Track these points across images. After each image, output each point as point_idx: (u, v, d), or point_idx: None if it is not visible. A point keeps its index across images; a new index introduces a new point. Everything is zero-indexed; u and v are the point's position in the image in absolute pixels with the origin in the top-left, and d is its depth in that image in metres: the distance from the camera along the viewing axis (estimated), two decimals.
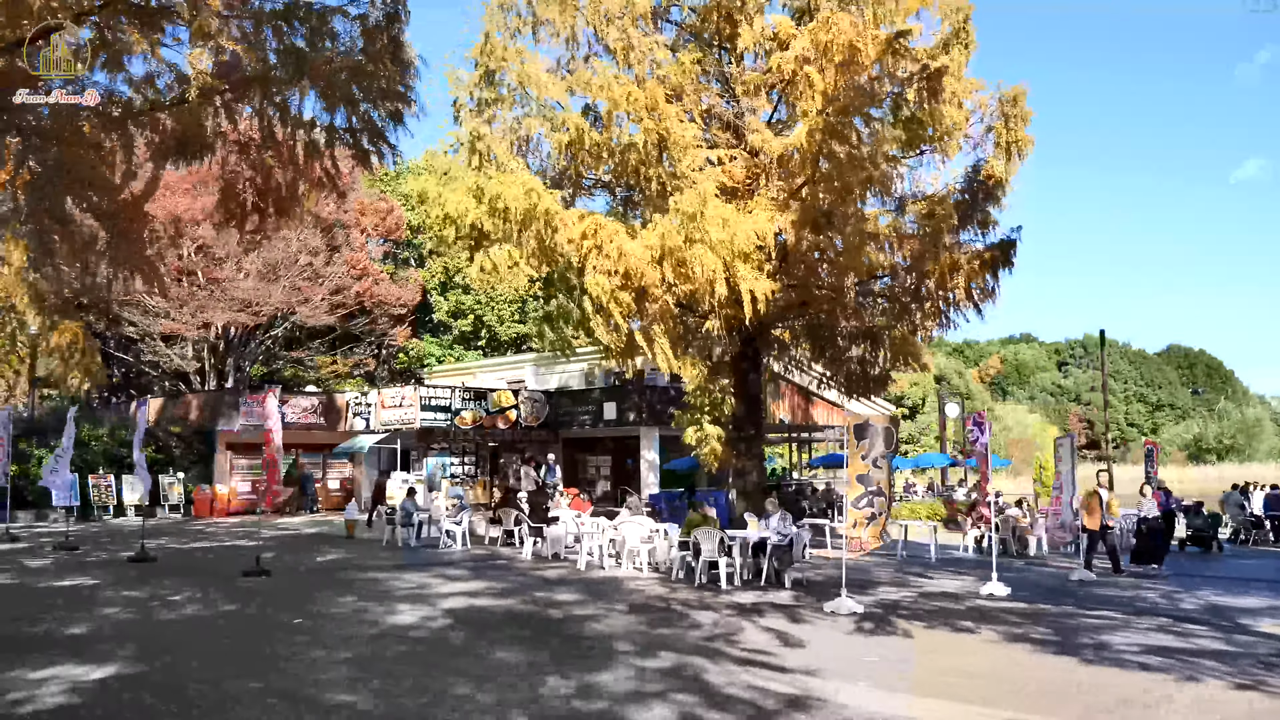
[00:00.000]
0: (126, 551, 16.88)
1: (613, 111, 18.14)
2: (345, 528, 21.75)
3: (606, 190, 22.21)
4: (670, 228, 16.63)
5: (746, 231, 16.52)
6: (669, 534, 15.02)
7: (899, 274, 19.11)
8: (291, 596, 11.85)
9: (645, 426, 27.39)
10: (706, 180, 17.02)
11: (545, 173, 20.28)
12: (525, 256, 19.60)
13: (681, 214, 16.56)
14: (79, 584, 12.59)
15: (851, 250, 17.90)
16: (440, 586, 12.68)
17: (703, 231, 16.48)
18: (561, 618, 10.42)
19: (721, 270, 16.62)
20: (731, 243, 16.55)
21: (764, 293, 16.73)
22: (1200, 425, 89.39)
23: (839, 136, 17.69)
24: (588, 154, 20.76)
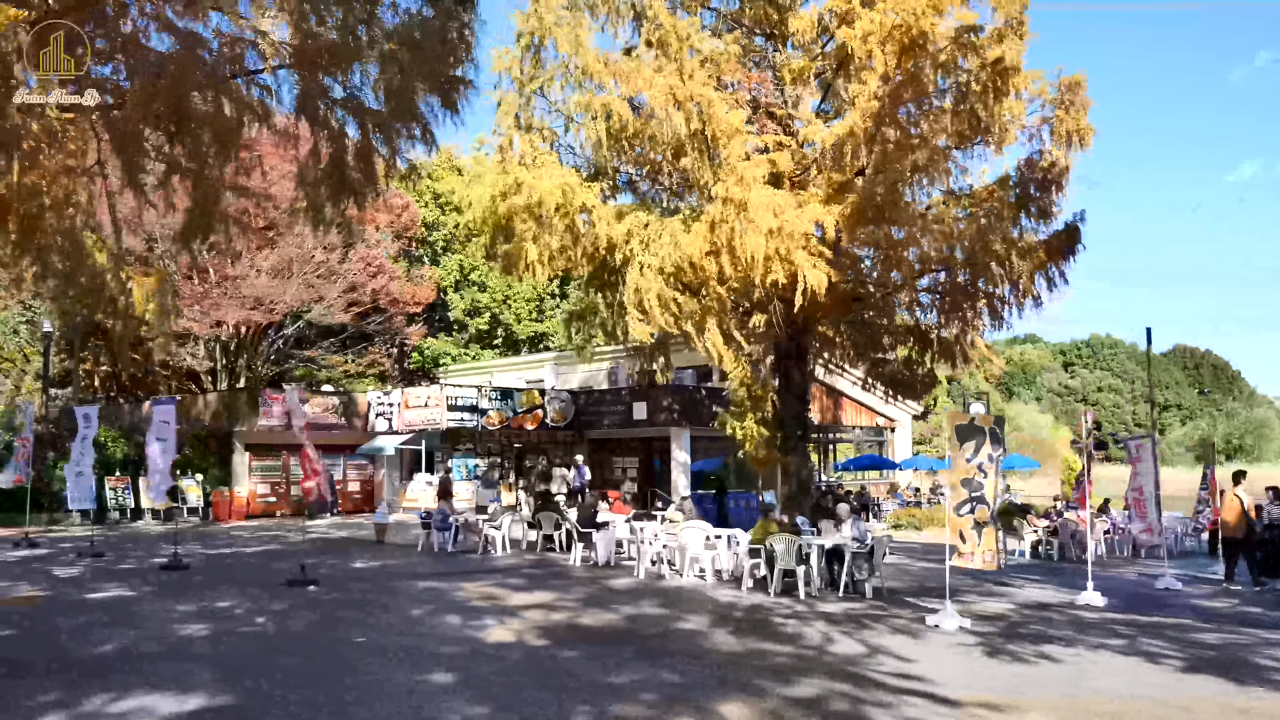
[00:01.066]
0: (155, 558, 16.10)
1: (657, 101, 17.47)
2: (375, 531, 20.97)
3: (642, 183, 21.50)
4: (718, 214, 15.91)
5: (799, 219, 15.81)
6: (736, 540, 14.29)
7: (954, 267, 18.41)
8: (351, 608, 11.07)
9: (676, 427, 26.64)
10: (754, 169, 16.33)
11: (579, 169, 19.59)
12: (561, 252, 18.94)
13: (728, 201, 15.85)
14: (120, 595, 11.79)
15: (908, 242, 17.20)
16: (508, 597, 11.91)
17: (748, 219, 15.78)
18: (660, 633, 9.67)
19: (776, 256, 15.92)
20: (781, 230, 15.87)
21: (819, 282, 16.02)
22: (1209, 425, 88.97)
23: (896, 123, 17.04)
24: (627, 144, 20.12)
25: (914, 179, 16.61)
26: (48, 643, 8.84)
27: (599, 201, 18.52)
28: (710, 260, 17.09)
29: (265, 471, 27.47)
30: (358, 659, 8.12)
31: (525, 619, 10.27)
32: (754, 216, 15.64)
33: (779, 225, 15.82)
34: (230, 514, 25.88)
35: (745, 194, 15.29)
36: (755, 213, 15.67)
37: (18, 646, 8.70)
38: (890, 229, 17.38)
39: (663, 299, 17.55)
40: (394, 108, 10.47)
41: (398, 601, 11.60)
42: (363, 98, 10.71)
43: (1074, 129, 17.97)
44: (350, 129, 10.84)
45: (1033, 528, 19.51)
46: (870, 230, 17.73)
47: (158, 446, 14.97)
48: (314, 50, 8.61)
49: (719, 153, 17.30)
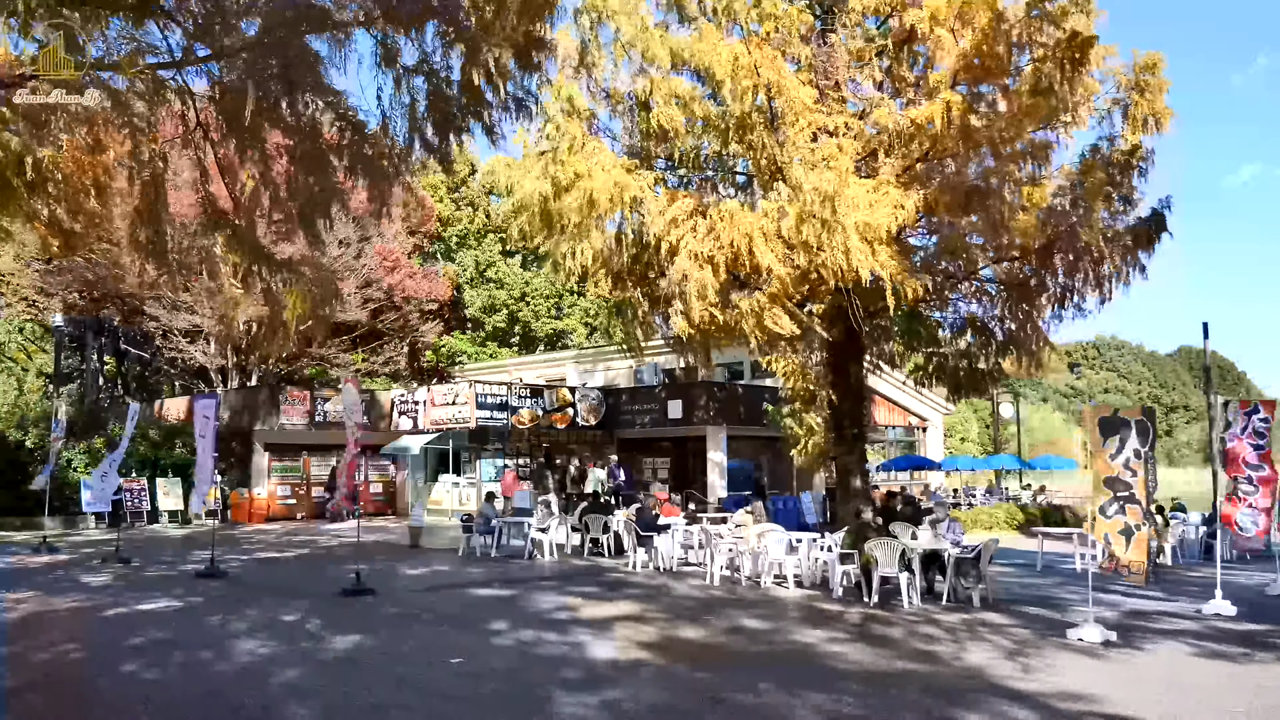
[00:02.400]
0: (187, 565, 15.08)
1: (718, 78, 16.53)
2: (410, 535, 19.95)
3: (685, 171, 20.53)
4: (802, 207, 14.93)
5: (887, 214, 14.85)
6: (830, 545, 13.33)
7: (1029, 256, 17.47)
8: (423, 623, 10.09)
9: (713, 426, 25.68)
10: (838, 155, 15.38)
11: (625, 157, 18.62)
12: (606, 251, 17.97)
13: (818, 193, 14.88)
14: (164, 608, 10.75)
15: (989, 230, 16.26)
16: (586, 608, 10.92)
17: (839, 214, 14.81)
18: (785, 650, 8.70)
19: (867, 256, 14.97)
20: (868, 226, 14.92)
21: (913, 287, 15.12)
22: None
23: (977, 104, 16.13)
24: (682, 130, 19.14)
25: (1004, 164, 15.70)
26: (102, 665, 7.82)
27: (651, 193, 17.60)
28: (775, 246, 16.19)
29: (284, 473, 26.41)
30: (473, 688, 7.13)
31: (621, 634, 9.29)
32: (844, 213, 14.67)
33: (869, 221, 14.89)
34: (250, 516, 24.81)
35: (839, 186, 14.30)
36: (846, 209, 14.70)
37: (74, 668, 7.69)
38: (972, 217, 16.47)
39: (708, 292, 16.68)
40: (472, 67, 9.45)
41: (470, 614, 10.62)
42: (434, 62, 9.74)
43: (1150, 111, 17.07)
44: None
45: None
46: (947, 219, 16.85)
47: (201, 445, 13.93)
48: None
49: (785, 132, 16.40)
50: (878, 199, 15.12)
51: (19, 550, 17.38)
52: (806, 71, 17.31)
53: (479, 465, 26.00)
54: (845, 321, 19.39)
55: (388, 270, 34.77)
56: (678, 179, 20.48)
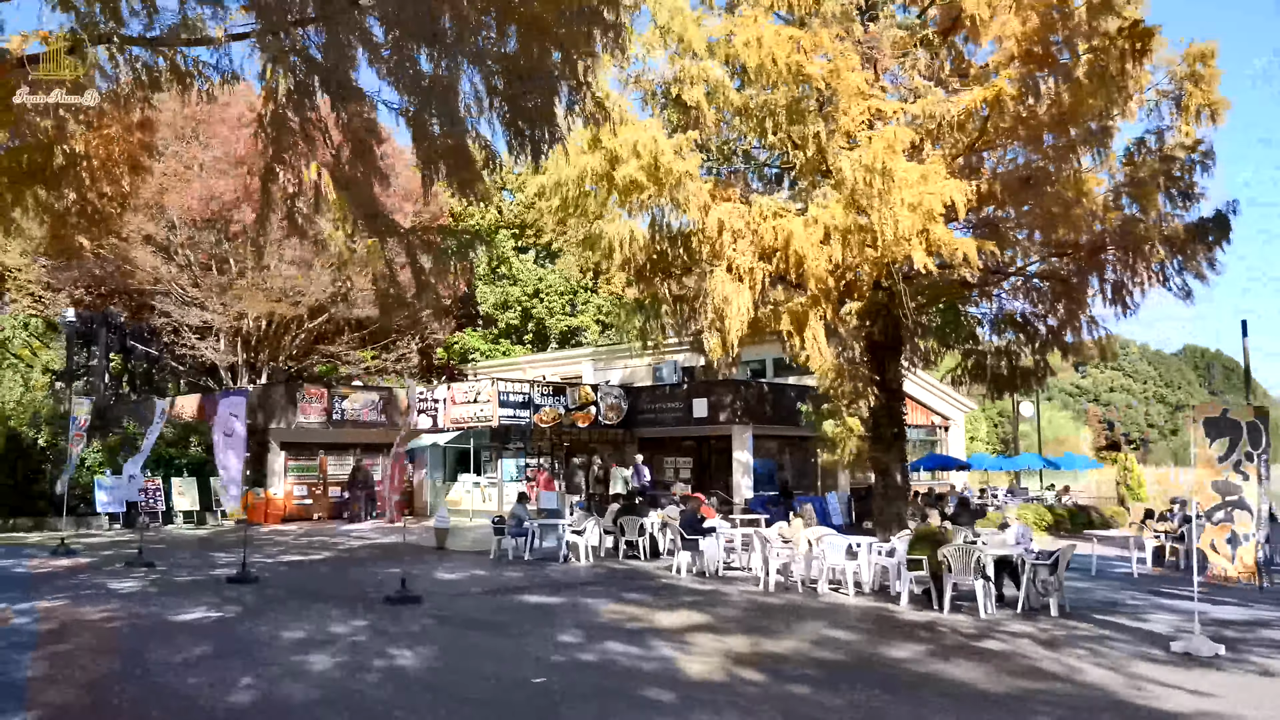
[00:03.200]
0: (215, 569, 14.50)
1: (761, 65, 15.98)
2: (435, 537, 19.36)
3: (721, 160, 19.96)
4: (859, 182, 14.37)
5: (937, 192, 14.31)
6: (877, 550, 12.79)
7: (1079, 249, 16.92)
8: (482, 633, 9.52)
9: (739, 425, 25.11)
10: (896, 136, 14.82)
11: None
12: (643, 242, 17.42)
13: (865, 168, 14.33)
14: (205, 617, 10.16)
15: (1042, 222, 15.71)
16: (651, 617, 10.35)
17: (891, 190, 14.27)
18: (881, 662, 8.14)
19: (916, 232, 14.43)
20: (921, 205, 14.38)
21: (971, 255, 14.55)
22: None
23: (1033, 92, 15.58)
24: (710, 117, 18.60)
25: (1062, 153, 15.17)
26: (160, 686, 7.23)
27: (694, 177, 17.04)
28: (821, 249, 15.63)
29: (301, 472, 25.80)
30: (576, 714, 6.56)
31: (703, 646, 8.72)
32: (898, 187, 14.12)
33: (919, 199, 14.35)
34: (266, 517, 24.21)
35: (891, 161, 13.76)
36: (900, 183, 14.15)
37: (132, 689, 7.10)
38: (1023, 207, 15.94)
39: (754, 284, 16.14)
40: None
41: (530, 624, 10.04)
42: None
43: (1205, 102, 16.53)
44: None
45: (1154, 533, 18.04)
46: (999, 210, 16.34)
47: (226, 443, 13.33)
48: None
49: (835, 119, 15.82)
50: (929, 172, 14.60)
51: (36, 553, 16.77)
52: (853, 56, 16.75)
53: (500, 465, 25.42)
54: (884, 318, 18.91)
55: (402, 265, 34.09)
56: (706, 170, 19.88)
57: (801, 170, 18.27)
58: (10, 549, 17.73)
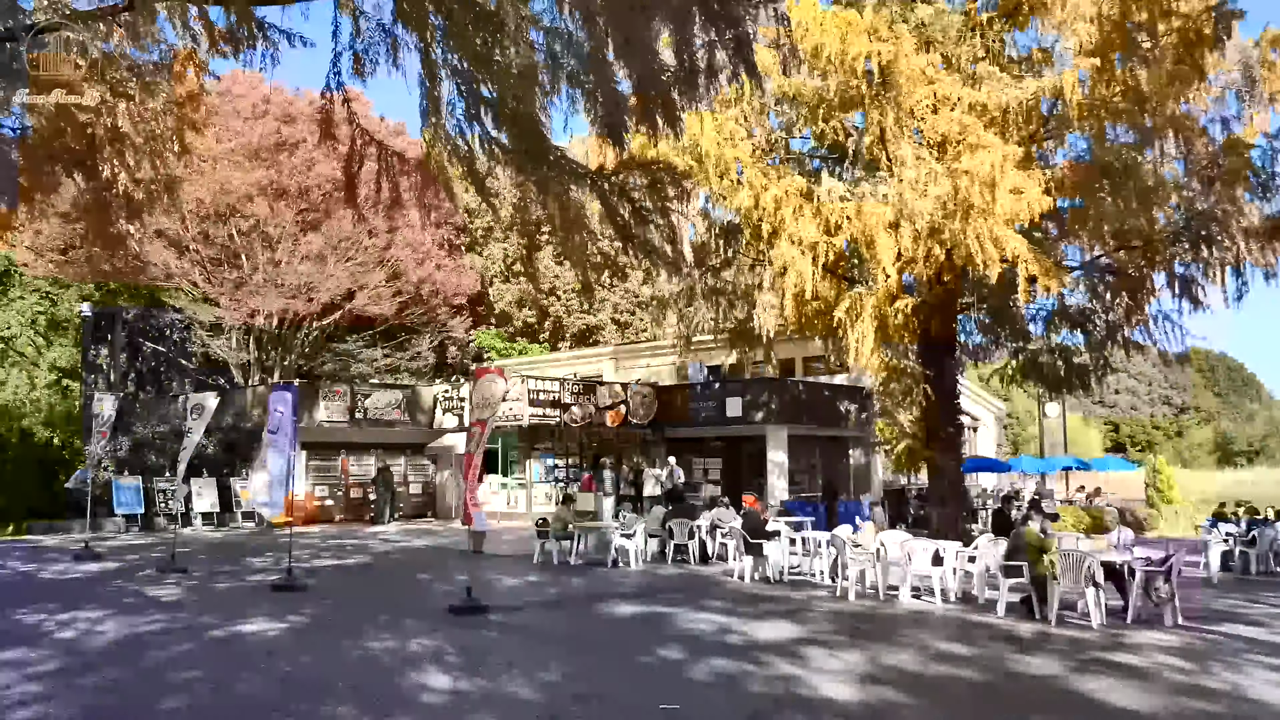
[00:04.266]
0: (248, 574, 13.77)
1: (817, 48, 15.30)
2: (471, 541, 18.52)
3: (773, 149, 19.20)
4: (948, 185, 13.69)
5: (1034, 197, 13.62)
6: (965, 555, 12.08)
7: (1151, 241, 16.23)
8: (580, 651, 8.79)
9: (774, 425, 24.40)
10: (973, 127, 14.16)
11: None
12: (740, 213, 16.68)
13: (968, 175, 13.61)
14: (268, 630, 9.39)
15: (1124, 211, 15.03)
16: (745, 629, 9.63)
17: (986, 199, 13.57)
18: (1021, 682, 7.43)
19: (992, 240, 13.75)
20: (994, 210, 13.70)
21: (1052, 277, 13.93)
22: (1235, 428, 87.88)
23: (1113, 78, 14.93)
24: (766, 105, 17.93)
25: (1144, 141, 14.52)
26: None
27: (753, 162, 16.34)
28: (890, 234, 14.93)
29: (322, 473, 24.99)
30: None
31: (820, 662, 7.99)
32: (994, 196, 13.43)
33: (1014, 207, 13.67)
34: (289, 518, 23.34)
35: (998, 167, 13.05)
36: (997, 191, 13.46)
37: None
38: (1103, 198, 15.25)
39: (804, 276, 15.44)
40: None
41: (616, 638, 9.32)
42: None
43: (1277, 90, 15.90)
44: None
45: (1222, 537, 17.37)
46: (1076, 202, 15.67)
47: (271, 441, 12.55)
48: None
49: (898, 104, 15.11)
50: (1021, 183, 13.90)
51: (60, 557, 15.96)
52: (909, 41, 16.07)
53: (529, 465, 24.66)
54: (940, 315, 18.22)
55: (417, 262, 33.35)
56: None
57: (856, 158, 17.62)
58: (30, 552, 16.93)
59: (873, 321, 14.67)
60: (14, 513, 20.90)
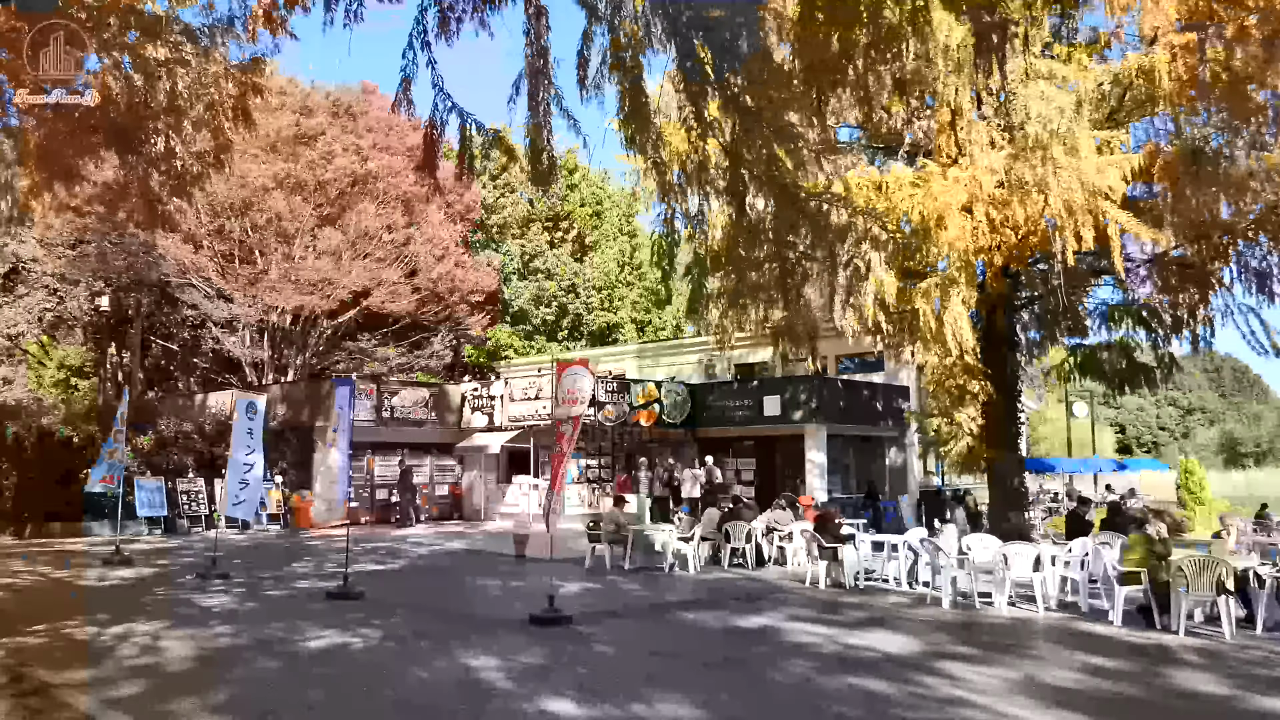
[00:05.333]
0: (300, 581, 13.02)
1: None
2: (515, 545, 17.82)
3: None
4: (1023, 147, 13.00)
5: (1120, 166, 12.97)
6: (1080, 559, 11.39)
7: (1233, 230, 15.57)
8: (699, 669, 8.05)
9: (813, 424, 23.70)
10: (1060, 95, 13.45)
11: None
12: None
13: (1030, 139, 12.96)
14: (342, 645, 8.64)
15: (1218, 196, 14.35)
16: (865, 642, 8.91)
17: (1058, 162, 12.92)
18: (1187, 696, 6.74)
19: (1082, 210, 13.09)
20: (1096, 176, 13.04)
21: (1151, 237, 13.24)
22: (1243, 428, 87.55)
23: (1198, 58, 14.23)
24: None
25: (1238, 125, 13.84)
26: None
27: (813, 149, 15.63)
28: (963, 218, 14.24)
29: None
30: None
31: (972, 680, 7.28)
32: (1064, 158, 12.78)
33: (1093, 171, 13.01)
34: (314, 521, 22.59)
35: (1068, 123, 12.40)
36: (1071, 154, 12.80)
37: None
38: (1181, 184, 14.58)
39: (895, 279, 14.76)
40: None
41: (725, 653, 8.60)
42: None
43: None
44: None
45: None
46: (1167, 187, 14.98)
47: (339, 440, 11.80)
48: None
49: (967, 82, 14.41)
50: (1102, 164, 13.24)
51: (88, 561, 15.16)
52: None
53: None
54: (1002, 309, 17.57)
55: (437, 258, 32.58)
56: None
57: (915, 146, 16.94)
58: (55, 556, 16.12)
59: (963, 306, 13.96)
60: (32, 514, 20.06)
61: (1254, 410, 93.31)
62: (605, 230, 37.93)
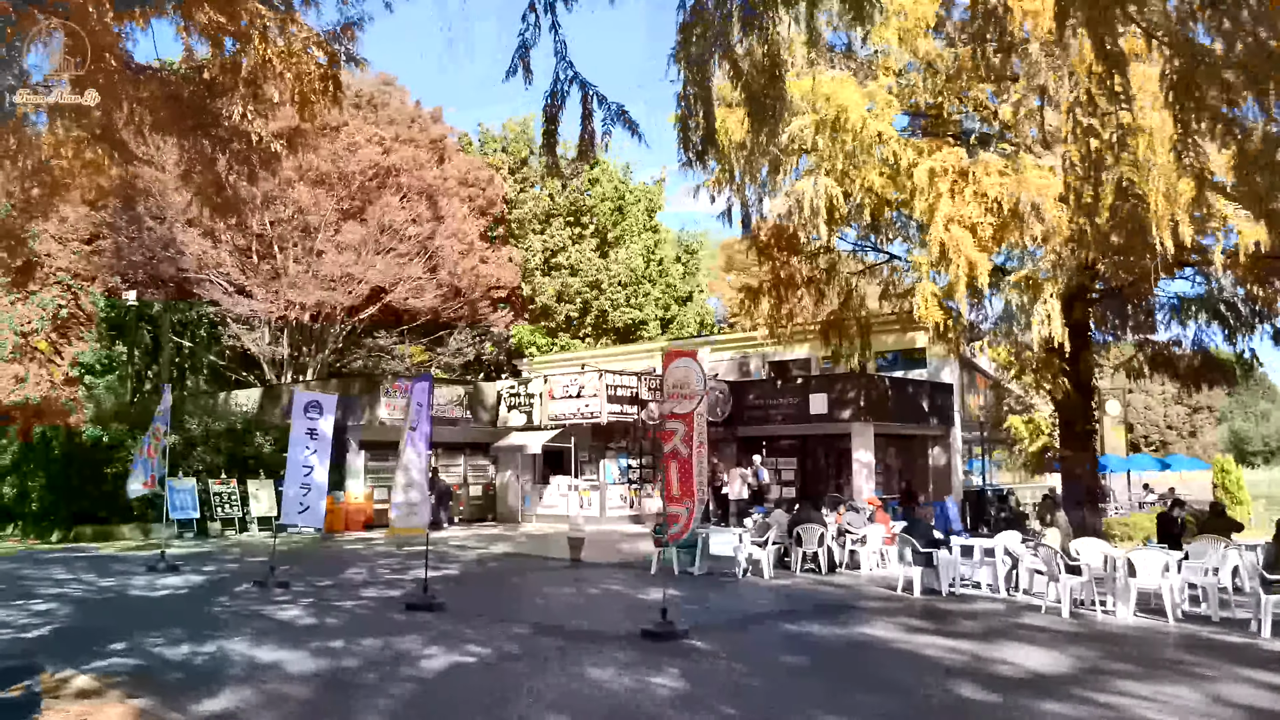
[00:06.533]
0: (352, 587, 12.33)
1: None
2: (570, 548, 17.12)
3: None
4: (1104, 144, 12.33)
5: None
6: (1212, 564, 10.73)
7: None
8: (845, 687, 7.37)
9: (860, 423, 23.01)
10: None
11: None
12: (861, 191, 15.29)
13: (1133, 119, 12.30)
14: (455, 664, 7.92)
15: None
16: (992, 653, 8.26)
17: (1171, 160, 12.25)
18: None
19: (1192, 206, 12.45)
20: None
21: (1257, 237, 12.60)
22: (1251, 426, 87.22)
23: None
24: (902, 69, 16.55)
25: None
26: None
27: (894, 132, 14.96)
28: (1060, 206, 13.56)
29: (381, 474, 23.44)
30: None
31: (1191, 704, 6.61)
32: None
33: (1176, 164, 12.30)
34: (347, 524, 21.84)
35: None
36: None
37: None
38: None
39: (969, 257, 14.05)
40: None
41: (866, 670, 7.92)
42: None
43: None
44: None
45: None
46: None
47: (410, 439, 11.07)
48: None
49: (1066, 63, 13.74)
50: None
51: (130, 568, 14.39)
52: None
53: (602, 466, 23.19)
54: (1083, 302, 16.95)
55: (461, 254, 31.82)
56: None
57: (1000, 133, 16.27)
58: (93, 562, 15.35)
59: (1057, 299, 13.30)
60: (59, 517, 19.28)
61: (1261, 409, 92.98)
62: (628, 226, 37.17)
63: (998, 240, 14.01)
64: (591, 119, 8.15)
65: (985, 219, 13.89)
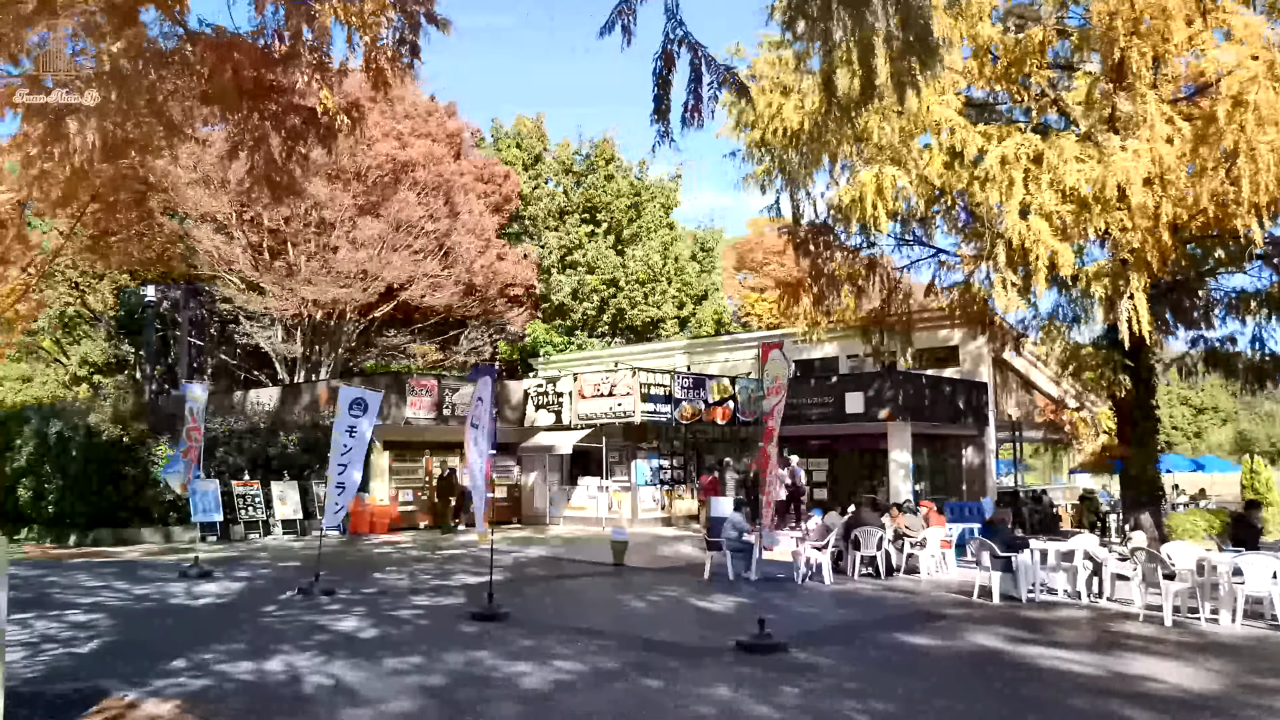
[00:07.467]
0: (399, 595, 11.64)
1: None
2: (613, 553, 16.46)
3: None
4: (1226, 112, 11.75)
5: None
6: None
7: None
8: (993, 710, 6.74)
9: (898, 421, 22.42)
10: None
11: None
12: (914, 181, 14.68)
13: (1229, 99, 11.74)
14: (554, 681, 7.26)
15: None
16: (1122, 666, 7.64)
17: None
18: None
19: None
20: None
21: None
22: (1256, 427, 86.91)
23: None
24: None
25: None
26: None
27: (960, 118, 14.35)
28: (1147, 192, 12.96)
29: (405, 475, 22.77)
30: None
31: None
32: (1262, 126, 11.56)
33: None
34: (371, 526, 21.14)
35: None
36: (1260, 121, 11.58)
37: None
38: None
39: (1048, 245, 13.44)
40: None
41: (1009, 689, 7.28)
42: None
43: None
44: None
45: None
46: None
47: (472, 436, 10.39)
48: None
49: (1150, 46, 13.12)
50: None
51: (162, 574, 13.69)
52: None
53: (633, 466, 22.52)
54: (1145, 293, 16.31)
55: (479, 250, 31.12)
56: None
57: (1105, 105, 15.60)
58: (121, 568, 14.65)
59: (1142, 293, 12.69)
60: (77, 520, 18.56)
61: (1267, 409, 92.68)
62: (644, 223, 36.52)
63: (1078, 229, 13.42)
64: (701, 82, 7.50)
65: (1062, 207, 13.31)
